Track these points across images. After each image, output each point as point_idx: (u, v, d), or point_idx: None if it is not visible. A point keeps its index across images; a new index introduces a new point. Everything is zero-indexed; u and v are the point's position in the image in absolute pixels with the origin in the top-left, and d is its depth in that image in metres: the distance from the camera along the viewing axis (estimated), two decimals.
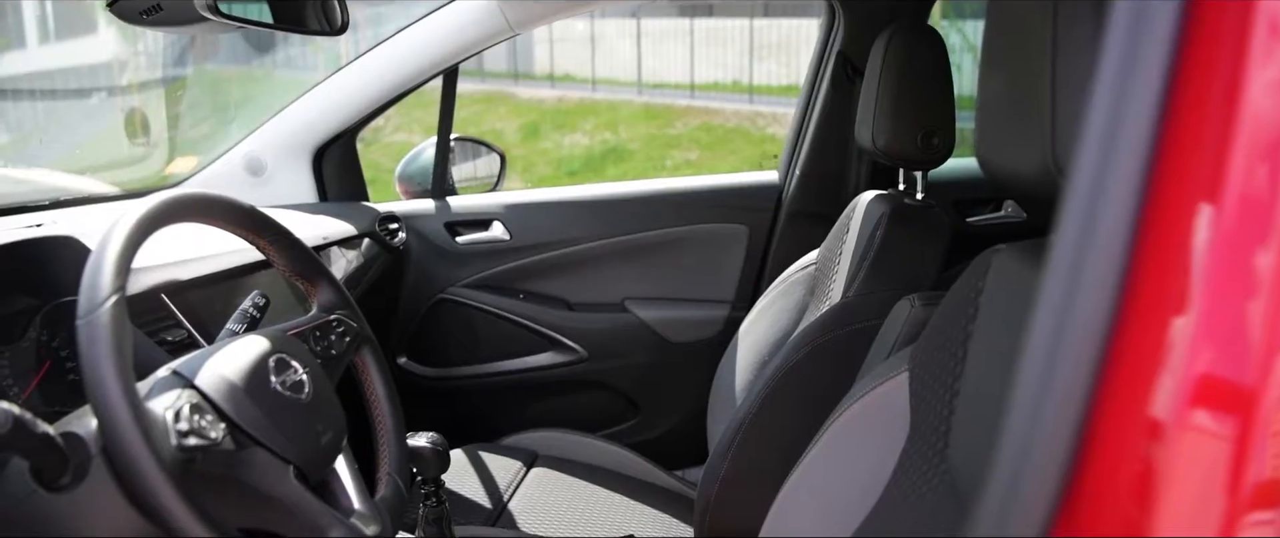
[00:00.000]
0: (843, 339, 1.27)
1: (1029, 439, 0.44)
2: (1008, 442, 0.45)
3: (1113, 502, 0.43)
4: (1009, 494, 0.44)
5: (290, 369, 0.89)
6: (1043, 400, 0.44)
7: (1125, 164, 0.44)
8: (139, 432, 0.69)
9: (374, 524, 0.88)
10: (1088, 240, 0.44)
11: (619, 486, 1.70)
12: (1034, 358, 0.45)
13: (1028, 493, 0.43)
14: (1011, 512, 0.44)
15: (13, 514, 0.80)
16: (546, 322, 2.08)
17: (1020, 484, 0.44)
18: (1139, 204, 0.44)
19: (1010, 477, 0.45)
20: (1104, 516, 0.43)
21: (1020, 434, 0.45)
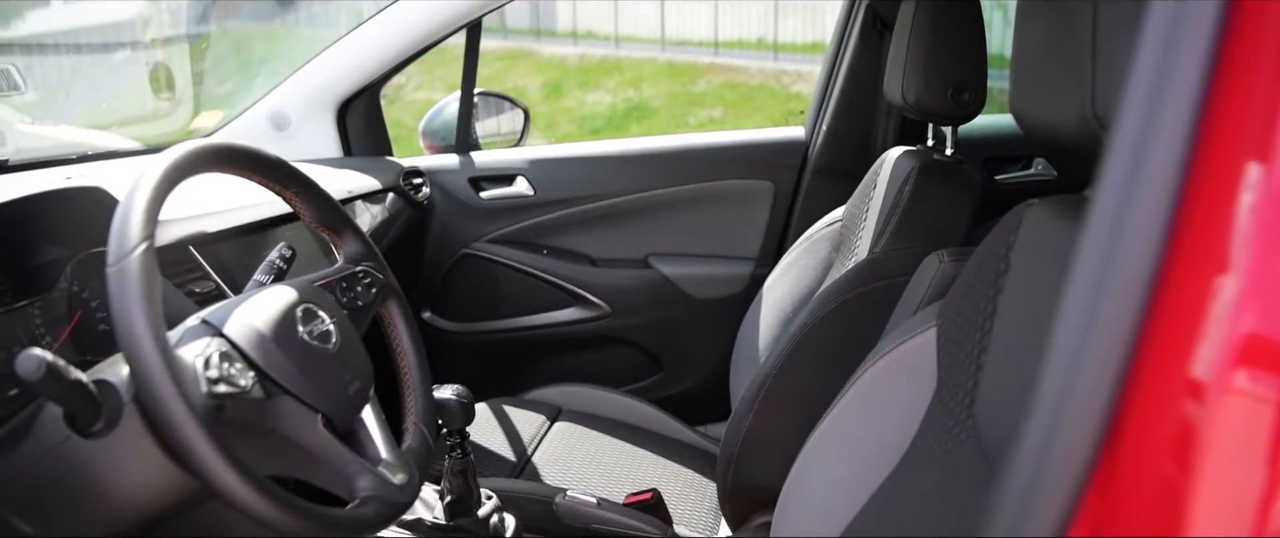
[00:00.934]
0: (869, 295, 1.26)
1: (1065, 397, 0.43)
2: (1042, 400, 0.45)
3: (1151, 463, 0.42)
4: (1042, 453, 0.44)
5: (317, 319, 0.89)
6: (1080, 358, 0.43)
7: (1172, 116, 0.42)
8: (169, 378, 0.70)
9: (401, 474, 0.89)
10: (1131, 194, 0.43)
11: (642, 441, 1.71)
12: (1072, 314, 0.44)
13: (1062, 452, 0.43)
14: (1045, 471, 0.43)
15: (47, 459, 0.82)
16: (570, 277, 2.08)
17: (1054, 444, 0.43)
18: (1185, 158, 0.42)
19: (1044, 436, 0.44)
20: (1142, 477, 0.42)
21: (1055, 392, 0.44)
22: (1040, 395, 0.45)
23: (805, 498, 1.03)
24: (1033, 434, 0.45)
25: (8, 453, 0.85)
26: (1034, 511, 0.43)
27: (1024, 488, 0.44)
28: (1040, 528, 0.42)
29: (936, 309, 0.97)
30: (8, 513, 0.84)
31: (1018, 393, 0.75)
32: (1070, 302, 0.44)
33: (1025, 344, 0.77)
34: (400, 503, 0.86)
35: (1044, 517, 0.42)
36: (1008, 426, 0.75)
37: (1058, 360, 0.45)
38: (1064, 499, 0.42)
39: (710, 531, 1.51)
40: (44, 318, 1.05)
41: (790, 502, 1.05)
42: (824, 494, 0.99)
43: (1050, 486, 0.43)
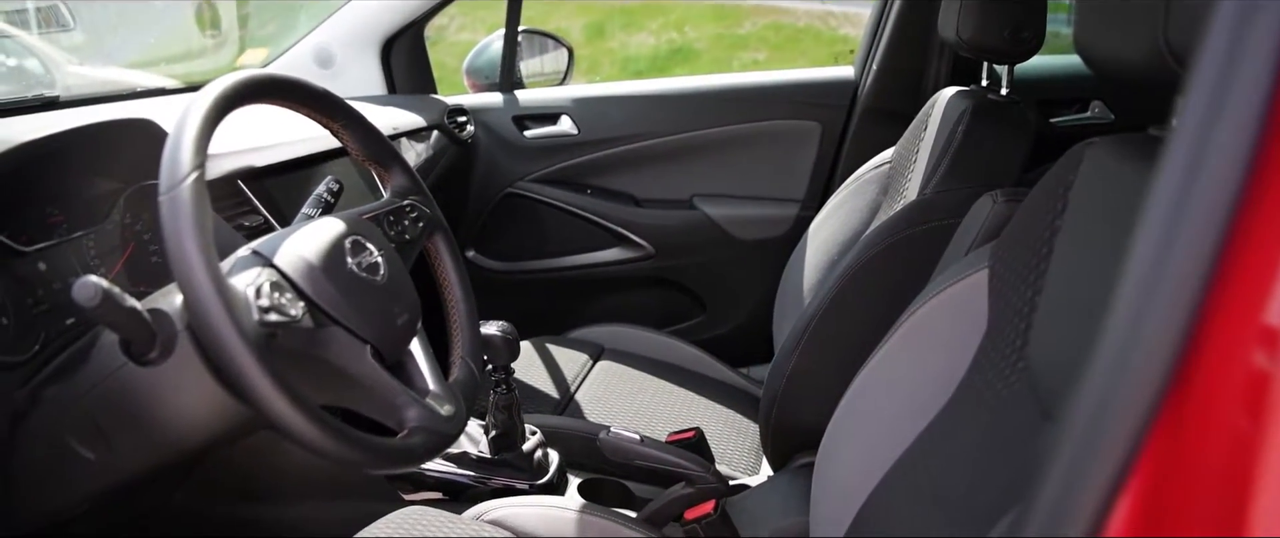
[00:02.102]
0: (919, 237, 1.24)
1: (1132, 340, 0.41)
2: (1107, 341, 0.43)
3: (1220, 412, 0.40)
4: (1105, 397, 0.42)
5: (366, 251, 0.89)
6: (1149, 300, 0.41)
7: (1261, 45, 0.40)
8: (222, 305, 0.70)
9: (448, 405, 0.90)
10: (1212, 129, 0.41)
11: (684, 381, 1.72)
12: (1143, 252, 0.42)
13: (1126, 397, 0.41)
14: (1107, 416, 0.41)
15: (105, 386, 0.83)
16: (614, 217, 2.07)
17: (1119, 387, 0.41)
18: (1272, 91, 0.40)
19: (1107, 379, 0.42)
20: (1209, 426, 0.40)
21: (1122, 334, 0.42)
22: (1105, 337, 0.43)
23: (850, 439, 1.02)
24: (1096, 377, 0.43)
25: (67, 380, 0.87)
26: (1094, 456, 0.41)
27: (1084, 433, 0.42)
28: (1100, 474, 0.41)
29: (989, 250, 0.95)
30: (70, 438, 0.87)
31: (1074, 335, 0.74)
32: (1142, 240, 0.42)
33: (1083, 285, 0.76)
34: (448, 434, 0.87)
35: (1104, 463, 0.41)
36: (1063, 367, 0.74)
37: (1125, 301, 0.43)
38: (1126, 446, 0.41)
39: (751, 471, 1.51)
40: (98, 249, 1.06)
41: (834, 442, 1.04)
42: (869, 435, 0.99)
43: (1113, 431, 0.41)
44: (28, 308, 0.93)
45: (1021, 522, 0.42)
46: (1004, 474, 0.74)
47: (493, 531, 1.09)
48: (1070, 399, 0.44)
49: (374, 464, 0.80)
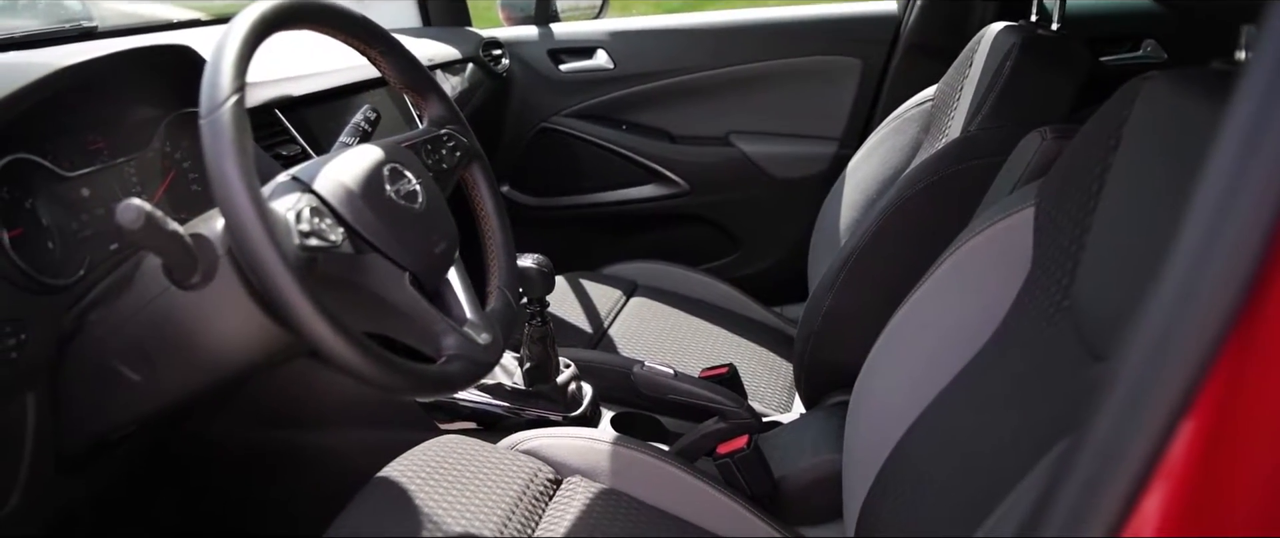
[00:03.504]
0: (961, 174, 1.22)
1: (1196, 275, 0.40)
2: (1169, 277, 0.41)
3: None
4: (1165, 334, 0.40)
5: (404, 179, 0.89)
6: (1218, 234, 0.39)
7: None
8: (263, 228, 0.70)
9: (486, 334, 0.90)
10: None
11: (717, 318, 1.71)
12: (1212, 187, 0.40)
13: (1189, 333, 0.39)
14: (1167, 356, 0.40)
15: (148, 310, 0.84)
16: (649, 154, 2.05)
17: (1181, 323, 0.40)
18: None
19: (1168, 315, 0.41)
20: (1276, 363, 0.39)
21: (1185, 269, 0.40)
22: (1169, 271, 0.41)
23: (886, 377, 1.02)
24: (1156, 312, 0.41)
25: (111, 304, 0.89)
26: (1150, 396, 0.40)
27: (1141, 370, 0.41)
28: (1156, 415, 0.39)
29: (1035, 188, 0.93)
30: (115, 360, 0.88)
31: (1125, 273, 0.72)
32: (1212, 172, 0.40)
33: (1136, 223, 0.74)
34: (486, 362, 0.88)
35: (1161, 403, 0.39)
36: (1112, 306, 0.72)
37: (1193, 234, 0.41)
38: (1186, 382, 0.39)
39: (783, 409, 1.51)
40: (139, 176, 1.07)
41: (870, 380, 1.04)
42: (906, 374, 0.98)
43: (1173, 367, 0.40)
44: (72, 233, 0.94)
45: (1070, 459, 0.42)
46: (1046, 414, 0.73)
47: (527, 460, 1.10)
48: (1123, 336, 0.43)
49: (412, 390, 0.81)
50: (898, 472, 0.91)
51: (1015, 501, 0.60)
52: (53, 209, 0.93)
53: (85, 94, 1.00)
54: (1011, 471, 0.69)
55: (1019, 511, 0.56)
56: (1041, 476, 0.58)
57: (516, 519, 1.01)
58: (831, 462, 1.15)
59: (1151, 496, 0.37)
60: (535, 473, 1.08)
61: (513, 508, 1.02)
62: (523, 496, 1.04)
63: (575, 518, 1.02)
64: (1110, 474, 0.38)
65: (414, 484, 1.01)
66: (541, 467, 1.10)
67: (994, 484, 0.70)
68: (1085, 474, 0.40)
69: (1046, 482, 0.45)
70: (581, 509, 1.03)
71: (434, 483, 1.02)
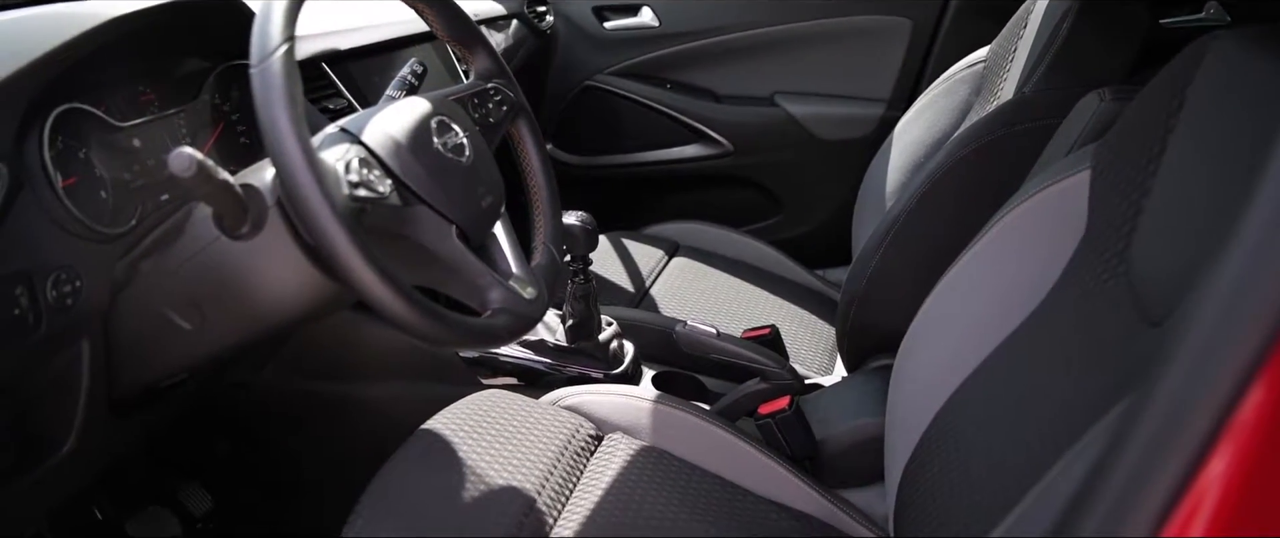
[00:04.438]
0: (1014, 137, 1.19)
1: (1269, 242, 0.38)
2: (1239, 244, 0.40)
3: None
4: (1233, 300, 0.39)
5: (451, 132, 0.89)
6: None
7: None
8: (313, 177, 0.71)
9: (531, 289, 0.90)
10: None
11: (759, 280, 1.70)
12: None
13: (1258, 300, 0.38)
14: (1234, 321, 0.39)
15: (199, 259, 0.85)
16: (693, 113, 2.04)
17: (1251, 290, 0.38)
18: None
19: (1238, 281, 0.39)
20: None
21: (1257, 237, 0.39)
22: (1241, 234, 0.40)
23: (932, 341, 1.01)
24: (1225, 277, 0.40)
25: (163, 253, 0.90)
26: (1220, 356, 0.39)
27: (1210, 333, 0.40)
28: (1226, 375, 0.38)
29: (1092, 150, 0.90)
30: (166, 308, 0.89)
31: (1185, 237, 0.70)
32: None
33: (1200, 186, 0.72)
34: (531, 316, 0.88)
35: (1231, 363, 0.38)
36: (1169, 270, 0.70)
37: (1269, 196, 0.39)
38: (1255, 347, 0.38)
39: (824, 372, 1.51)
40: (189, 128, 1.08)
41: (916, 344, 1.03)
42: (952, 337, 0.97)
43: (1242, 331, 0.38)
44: (124, 183, 0.95)
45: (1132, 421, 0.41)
46: (1098, 380, 0.71)
47: (569, 416, 1.11)
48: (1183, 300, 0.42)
49: (458, 342, 0.81)
50: (942, 436, 0.90)
51: (1066, 466, 0.59)
52: (105, 159, 0.94)
53: (136, 45, 1.01)
54: (1061, 436, 0.68)
55: (1071, 476, 0.55)
56: (1096, 441, 0.57)
57: (558, 474, 1.02)
58: (874, 425, 1.14)
59: (1218, 457, 0.36)
60: (577, 429, 1.09)
61: (555, 463, 1.03)
62: (565, 451, 1.05)
63: (616, 474, 1.03)
64: (1176, 436, 0.37)
65: (458, 437, 1.02)
66: (583, 423, 1.11)
67: (1043, 450, 0.69)
68: (1149, 436, 0.39)
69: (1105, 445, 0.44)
70: (623, 466, 1.04)
71: (477, 436, 1.03)
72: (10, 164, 0.81)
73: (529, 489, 0.98)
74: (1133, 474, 0.39)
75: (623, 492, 1.00)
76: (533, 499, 0.97)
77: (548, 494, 0.99)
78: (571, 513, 0.98)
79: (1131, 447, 0.40)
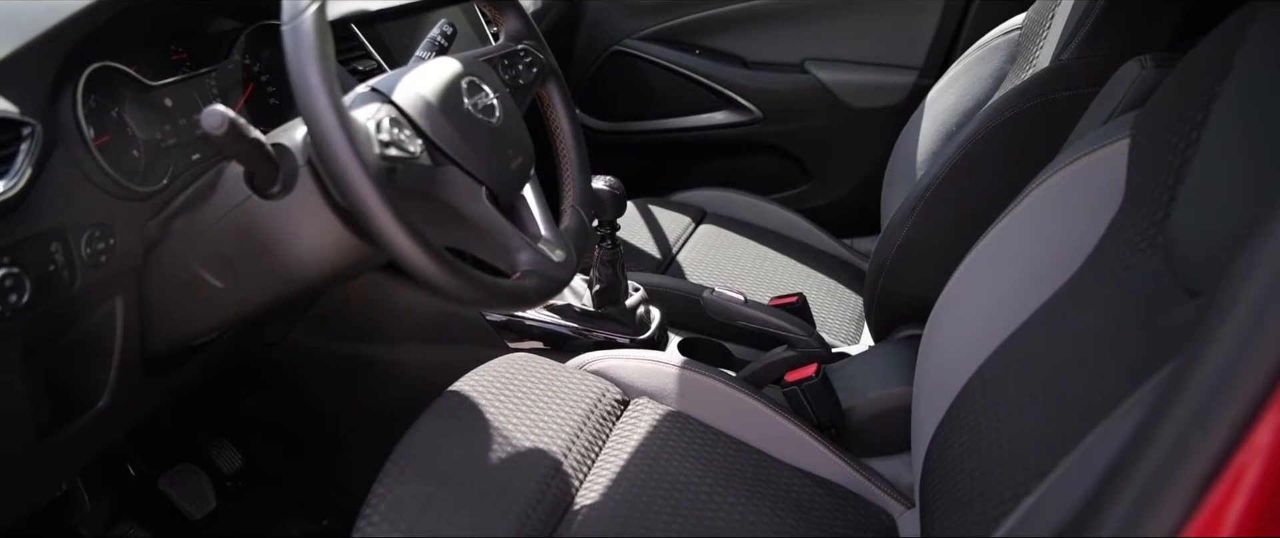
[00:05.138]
0: (1050, 105, 1.17)
1: None
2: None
3: None
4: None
5: (482, 92, 0.88)
6: None
7: None
8: (344, 135, 0.71)
9: (560, 251, 0.90)
10: None
11: (786, 248, 1.70)
12: None
13: None
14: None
15: (230, 217, 0.86)
16: (722, 79, 2.02)
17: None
18: None
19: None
20: None
21: None
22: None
23: (961, 310, 1.00)
24: (1275, 247, 0.39)
25: (194, 212, 0.90)
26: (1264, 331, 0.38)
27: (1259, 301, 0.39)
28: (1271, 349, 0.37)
29: (1131, 118, 0.89)
30: (198, 267, 0.90)
31: (1228, 206, 0.69)
32: None
33: (1245, 155, 0.70)
34: (560, 279, 0.88)
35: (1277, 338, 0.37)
36: (1213, 241, 0.69)
37: None
38: None
39: (851, 341, 1.50)
40: (220, 88, 1.08)
41: (944, 313, 1.02)
42: (982, 307, 0.96)
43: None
44: (156, 143, 0.96)
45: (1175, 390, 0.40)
46: (1135, 350, 0.70)
47: (596, 380, 1.11)
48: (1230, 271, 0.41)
49: (487, 303, 0.81)
50: (971, 405, 0.90)
51: (1101, 435, 0.59)
52: (138, 118, 0.95)
53: (167, 4, 1.01)
54: (1095, 406, 0.68)
55: (1108, 445, 0.54)
56: (1132, 410, 0.56)
57: (584, 437, 1.02)
58: (901, 394, 1.14)
59: (1264, 426, 0.36)
60: (603, 393, 1.09)
61: (581, 426, 1.03)
62: (591, 414, 1.05)
63: (642, 438, 1.03)
64: (1222, 405, 0.37)
65: (485, 399, 1.02)
66: (609, 387, 1.11)
67: (1077, 419, 0.69)
68: (1194, 405, 0.38)
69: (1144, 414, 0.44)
70: (649, 430, 1.04)
71: (504, 399, 1.03)
72: (44, 122, 0.82)
73: (555, 452, 0.98)
74: (1176, 442, 0.38)
75: (648, 456, 1.01)
76: (559, 462, 0.98)
77: (574, 457, 0.99)
78: (597, 476, 0.99)
79: (1175, 415, 0.39)
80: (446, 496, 0.90)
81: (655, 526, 0.92)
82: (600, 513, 0.93)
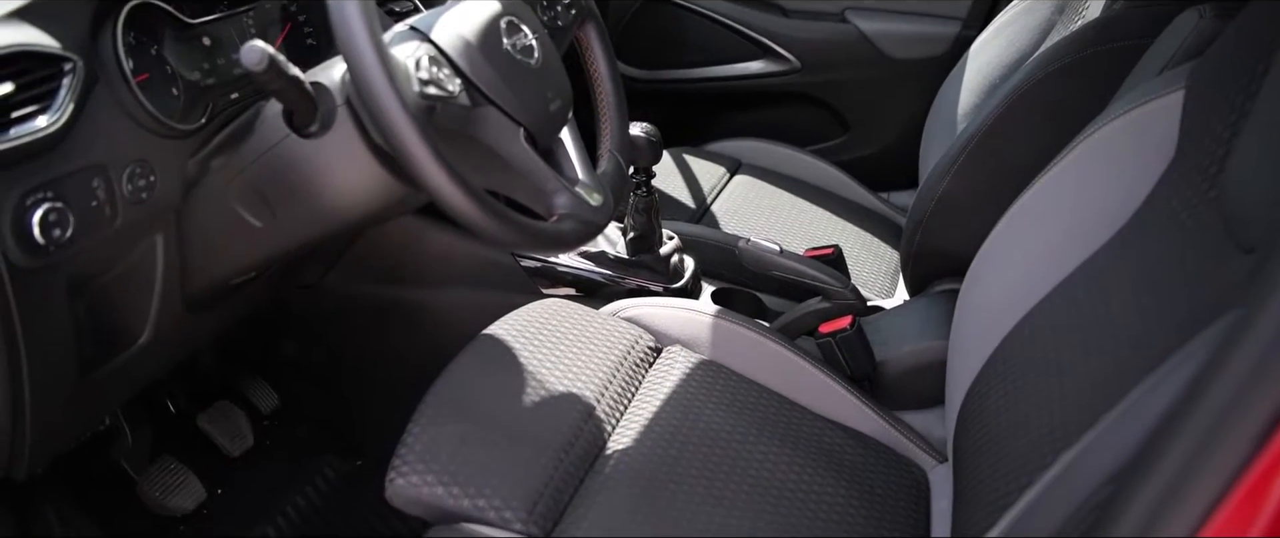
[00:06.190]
0: (1101, 56, 1.14)
1: None
2: None
3: None
4: None
5: (521, 33, 0.87)
6: None
7: None
8: (384, 72, 0.70)
9: (597, 195, 0.89)
10: None
11: (821, 200, 1.68)
12: None
13: None
14: None
15: (269, 156, 0.86)
16: (760, 28, 1.98)
17: None
18: None
19: None
20: None
21: None
22: None
23: (1002, 264, 0.98)
24: None
25: (233, 151, 0.91)
26: None
27: None
28: None
29: (1187, 70, 0.86)
30: (237, 205, 0.91)
31: None
32: None
33: None
34: (596, 223, 0.87)
35: None
36: (1269, 198, 0.67)
37: None
38: None
39: (886, 294, 1.49)
40: (258, 27, 1.08)
41: (984, 267, 1.00)
42: (1024, 261, 0.94)
43: None
44: (195, 81, 0.96)
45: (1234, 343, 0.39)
46: (1183, 306, 0.69)
47: (629, 327, 1.11)
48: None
49: (524, 244, 0.81)
50: (1009, 360, 0.89)
51: (1148, 390, 0.58)
52: (176, 56, 0.95)
53: None
54: (1140, 362, 0.67)
55: (1154, 399, 0.53)
56: (1181, 366, 0.55)
57: (617, 383, 1.02)
58: (936, 348, 1.13)
59: None
60: (636, 340, 1.09)
61: (614, 372, 1.03)
62: (624, 361, 1.05)
63: (675, 386, 1.03)
64: None
65: (519, 343, 1.03)
66: (642, 334, 1.11)
67: (1120, 374, 0.68)
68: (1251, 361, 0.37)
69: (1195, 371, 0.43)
70: (681, 378, 1.04)
71: (538, 343, 1.03)
72: (85, 58, 0.82)
73: (588, 397, 0.99)
74: (1235, 393, 0.37)
75: (680, 403, 1.01)
76: (592, 407, 0.98)
77: (607, 403, 1.00)
78: (629, 422, 0.99)
79: (1233, 367, 0.38)
80: (480, 438, 0.90)
81: (687, 473, 0.92)
82: (632, 459, 0.93)
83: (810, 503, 0.93)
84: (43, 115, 0.78)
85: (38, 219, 0.76)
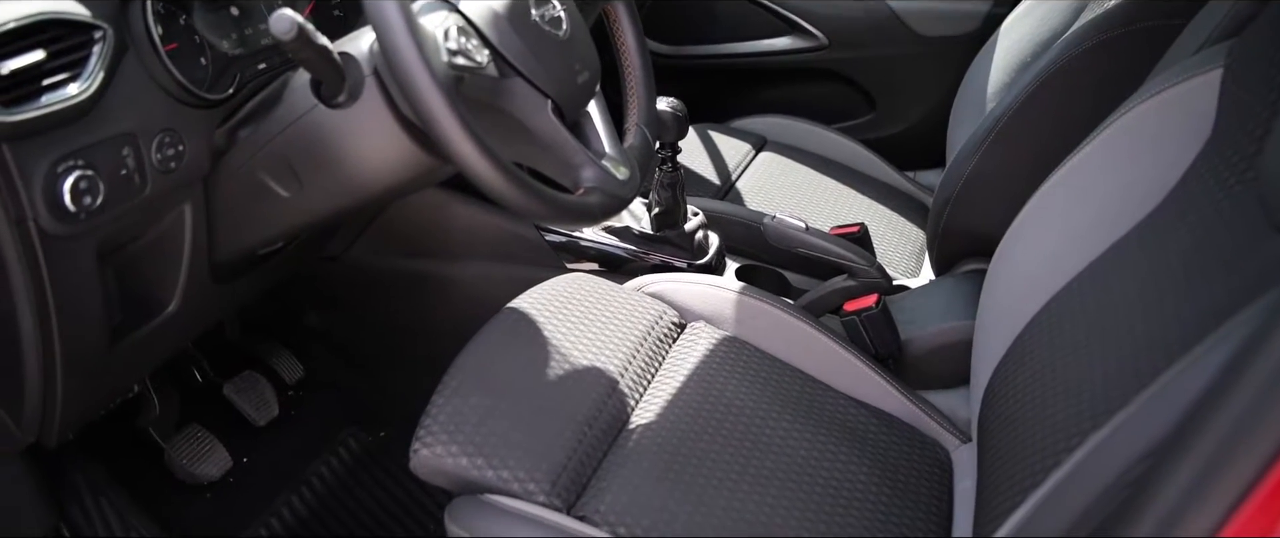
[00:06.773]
0: (1135, 35, 1.12)
1: None
2: None
3: None
4: None
5: (549, 4, 0.87)
6: None
7: None
8: (413, 42, 0.70)
9: (624, 169, 0.89)
10: None
11: (847, 178, 1.67)
12: None
13: None
14: None
15: (296, 126, 0.86)
16: (787, 4, 1.96)
17: None
18: None
19: None
20: None
21: None
22: None
23: (1031, 244, 0.97)
24: None
25: (261, 121, 0.91)
26: None
27: None
28: None
29: (1225, 48, 0.84)
30: (264, 175, 0.91)
31: None
32: None
33: None
34: (623, 197, 0.87)
35: None
36: None
37: None
38: None
39: (911, 274, 1.48)
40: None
41: (1012, 246, 0.99)
42: (1054, 241, 0.93)
43: None
44: (223, 52, 0.96)
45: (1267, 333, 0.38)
46: (1218, 287, 0.68)
47: (653, 303, 1.11)
48: None
49: (551, 216, 0.81)
50: (1037, 340, 0.88)
51: (1181, 372, 0.57)
52: (205, 26, 0.95)
53: None
54: (1173, 343, 0.66)
55: (1188, 382, 0.53)
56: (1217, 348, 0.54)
57: (641, 358, 1.02)
58: (961, 329, 1.12)
59: None
60: (661, 315, 1.09)
61: (638, 347, 1.03)
62: (648, 336, 1.05)
63: (698, 361, 1.03)
64: None
65: (543, 316, 1.03)
66: (667, 310, 1.11)
67: (1153, 354, 0.67)
68: None
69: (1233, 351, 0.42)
70: (705, 353, 1.04)
71: (562, 317, 1.03)
72: (115, 26, 0.82)
73: (612, 371, 0.99)
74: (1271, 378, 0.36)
75: (704, 379, 1.00)
76: (616, 381, 0.98)
77: (630, 377, 1.00)
78: (653, 396, 0.99)
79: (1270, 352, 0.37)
80: (504, 410, 0.91)
81: (709, 448, 0.92)
82: (655, 434, 0.93)
83: (832, 480, 0.93)
84: (73, 83, 0.78)
85: (69, 187, 0.77)
